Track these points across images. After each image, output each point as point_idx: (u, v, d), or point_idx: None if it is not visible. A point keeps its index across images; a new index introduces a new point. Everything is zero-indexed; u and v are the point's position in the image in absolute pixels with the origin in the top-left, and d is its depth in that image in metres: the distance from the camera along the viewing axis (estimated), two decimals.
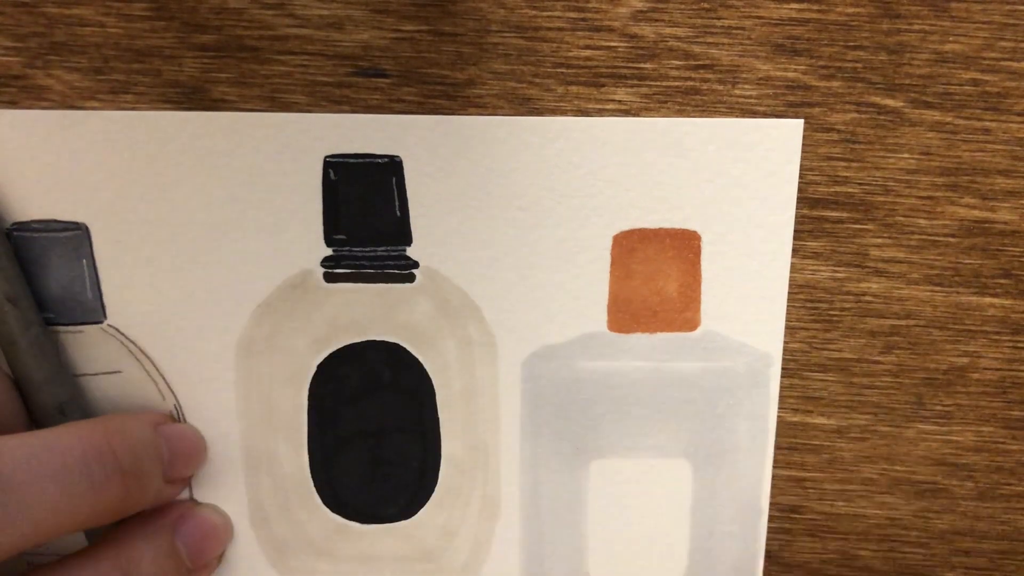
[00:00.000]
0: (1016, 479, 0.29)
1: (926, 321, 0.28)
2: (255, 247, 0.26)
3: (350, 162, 0.26)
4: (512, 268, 0.27)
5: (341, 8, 0.25)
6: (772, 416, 0.28)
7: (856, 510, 0.29)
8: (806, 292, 0.27)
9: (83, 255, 0.26)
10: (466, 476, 0.28)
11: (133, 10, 0.25)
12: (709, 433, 0.28)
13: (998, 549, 0.30)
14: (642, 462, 0.28)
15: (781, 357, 0.28)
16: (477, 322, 0.27)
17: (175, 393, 0.28)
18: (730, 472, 0.28)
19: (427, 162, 0.26)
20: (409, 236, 0.26)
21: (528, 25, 0.25)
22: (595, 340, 0.27)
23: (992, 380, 0.28)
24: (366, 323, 0.27)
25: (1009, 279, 0.27)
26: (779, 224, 0.26)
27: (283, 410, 0.28)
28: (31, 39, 0.25)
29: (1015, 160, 0.26)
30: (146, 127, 0.25)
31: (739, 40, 0.25)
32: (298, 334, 0.27)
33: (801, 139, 0.26)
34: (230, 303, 0.27)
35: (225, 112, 0.25)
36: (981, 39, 0.25)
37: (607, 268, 0.27)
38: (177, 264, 0.26)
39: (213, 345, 0.27)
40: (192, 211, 0.26)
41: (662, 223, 0.26)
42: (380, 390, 0.28)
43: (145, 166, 0.26)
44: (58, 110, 0.25)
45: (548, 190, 0.26)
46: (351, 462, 0.28)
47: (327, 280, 0.27)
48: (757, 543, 0.29)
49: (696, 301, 0.27)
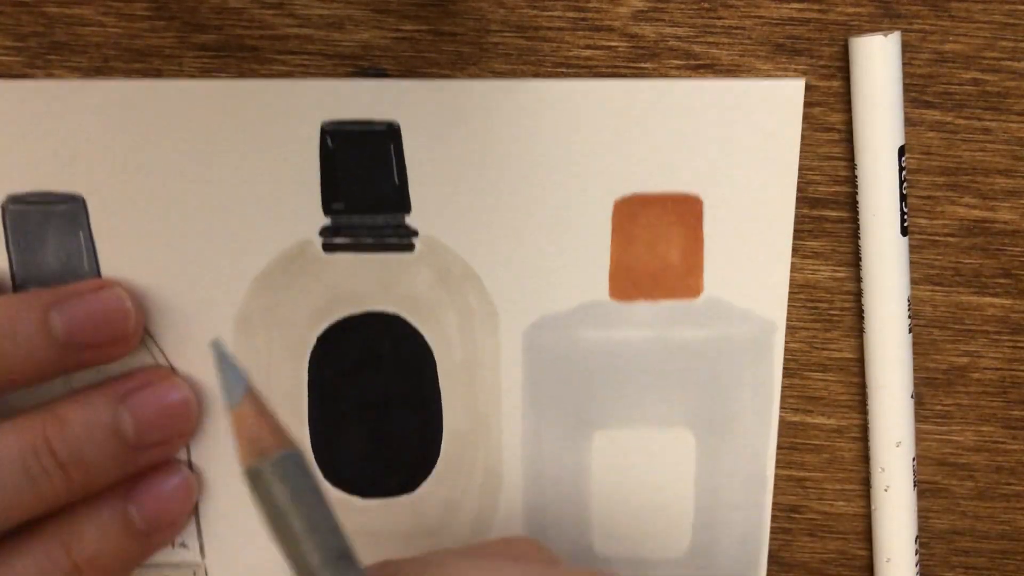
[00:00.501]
0: (1016, 479, 0.29)
1: (926, 321, 0.28)
2: (252, 217, 0.26)
3: (347, 129, 0.25)
4: (512, 236, 0.26)
5: (341, 8, 0.25)
6: (776, 384, 0.28)
7: (856, 510, 0.29)
8: (806, 292, 0.27)
9: (80, 228, 0.26)
10: (468, 449, 0.28)
11: (133, 10, 0.25)
12: (712, 402, 0.28)
13: (998, 549, 0.30)
14: (645, 432, 0.28)
15: (785, 324, 0.27)
16: (478, 292, 0.27)
17: (173, 367, 0.27)
18: (734, 442, 0.28)
19: (425, 128, 0.25)
20: (408, 204, 0.26)
21: (528, 25, 0.25)
22: (597, 309, 0.27)
23: (992, 380, 0.28)
24: (365, 294, 0.27)
25: (1009, 279, 0.27)
26: (782, 187, 0.26)
27: (283, 384, 0.28)
28: (31, 39, 0.25)
29: (1015, 160, 0.26)
30: (142, 97, 0.25)
31: (739, 40, 0.25)
32: (297, 306, 0.27)
33: (803, 99, 0.25)
34: (228, 275, 0.27)
35: (221, 80, 0.25)
36: (981, 39, 0.25)
37: (608, 235, 0.26)
38: (174, 236, 0.26)
39: (211, 318, 0.27)
40: (189, 182, 0.26)
41: (663, 188, 0.26)
42: (380, 362, 0.28)
43: (142, 137, 0.25)
44: (53, 80, 0.25)
45: (548, 155, 0.26)
46: (352, 436, 0.28)
47: (326, 251, 0.26)
48: (763, 513, 0.29)
49: (698, 267, 0.27)
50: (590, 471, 0.28)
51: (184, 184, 0.26)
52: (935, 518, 0.29)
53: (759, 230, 0.26)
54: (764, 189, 0.26)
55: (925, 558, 0.30)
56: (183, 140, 0.25)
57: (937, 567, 0.30)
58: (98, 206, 0.26)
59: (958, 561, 0.30)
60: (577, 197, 0.26)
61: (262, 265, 0.27)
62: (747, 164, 0.26)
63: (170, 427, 0.27)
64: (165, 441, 0.27)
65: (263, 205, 0.26)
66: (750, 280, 0.27)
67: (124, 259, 0.26)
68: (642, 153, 0.26)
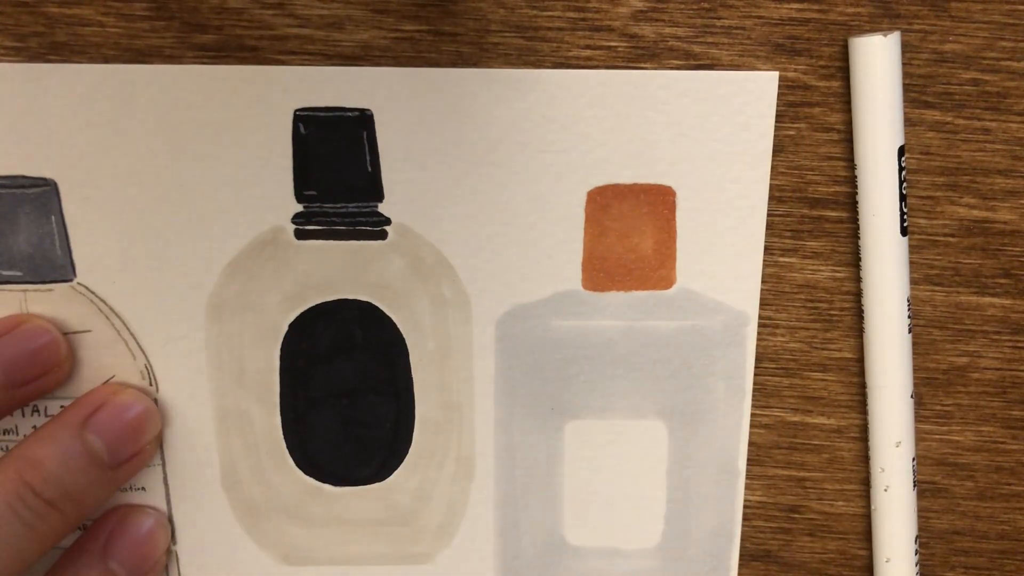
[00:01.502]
0: (1016, 479, 0.29)
1: (926, 321, 0.28)
2: (225, 204, 0.26)
3: (320, 115, 0.25)
4: (485, 225, 0.26)
5: (341, 8, 0.25)
6: (749, 376, 0.28)
7: (856, 510, 0.29)
8: (806, 292, 0.27)
9: (52, 212, 0.26)
10: (440, 437, 0.28)
11: (133, 10, 0.25)
12: (685, 393, 0.28)
13: (998, 549, 0.30)
14: (617, 423, 0.28)
15: (758, 316, 0.27)
16: (451, 280, 0.27)
17: (145, 353, 0.27)
18: (706, 433, 0.28)
19: (399, 116, 0.25)
20: (381, 192, 0.26)
21: (528, 25, 0.25)
22: (570, 299, 0.27)
23: (992, 380, 0.28)
24: (338, 281, 0.27)
25: (1009, 279, 0.27)
26: (755, 179, 0.26)
27: (255, 370, 0.27)
28: (31, 39, 0.25)
29: (1015, 160, 0.26)
30: (115, 81, 0.25)
31: (739, 40, 0.25)
32: (269, 293, 0.27)
33: (776, 92, 0.25)
34: (200, 261, 0.27)
35: (194, 66, 0.25)
36: (981, 39, 0.25)
37: (581, 225, 0.26)
38: (146, 221, 0.26)
39: (184, 304, 0.27)
40: (161, 167, 0.26)
41: (637, 179, 0.26)
42: (353, 350, 0.27)
43: (114, 121, 0.25)
44: (23, 63, 0.25)
45: (522, 144, 0.26)
46: (324, 423, 0.28)
47: (298, 237, 0.26)
48: (735, 505, 0.29)
49: (671, 258, 0.27)
50: (562, 461, 0.28)
51: (157, 169, 0.26)
52: (935, 518, 0.30)
53: (732, 222, 0.26)
54: (737, 181, 0.26)
55: (925, 558, 0.30)
56: (156, 125, 0.25)
57: (937, 567, 0.30)
58: (70, 190, 0.26)
59: (958, 561, 0.30)
60: (550, 187, 0.26)
61: (234, 251, 0.27)
62: (721, 156, 0.26)
63: (139, 437, 0.27)
64: (138, 451, 0.27)
65: (236, 191, 0.26)
66: (723, 271, 0.27)
67: (96, 243, 0.26)
68: (615, 143, 0.26)
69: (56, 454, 0.25)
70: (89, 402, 0.26)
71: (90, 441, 0.25)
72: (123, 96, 0.25)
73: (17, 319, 0.26)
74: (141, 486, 0.28)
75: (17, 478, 0.24)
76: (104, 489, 0.26)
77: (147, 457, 0.27)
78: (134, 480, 0.28)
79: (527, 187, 0.26)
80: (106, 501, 0.27)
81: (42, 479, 0.24)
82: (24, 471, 0.24)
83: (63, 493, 0.25)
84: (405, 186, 0.26)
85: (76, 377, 0.27)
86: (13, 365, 0.25)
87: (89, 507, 0.26)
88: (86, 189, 0.26)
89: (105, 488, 0.26)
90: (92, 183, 0.26)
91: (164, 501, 0.29)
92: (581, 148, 0.26)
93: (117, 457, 0.26)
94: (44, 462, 0.25)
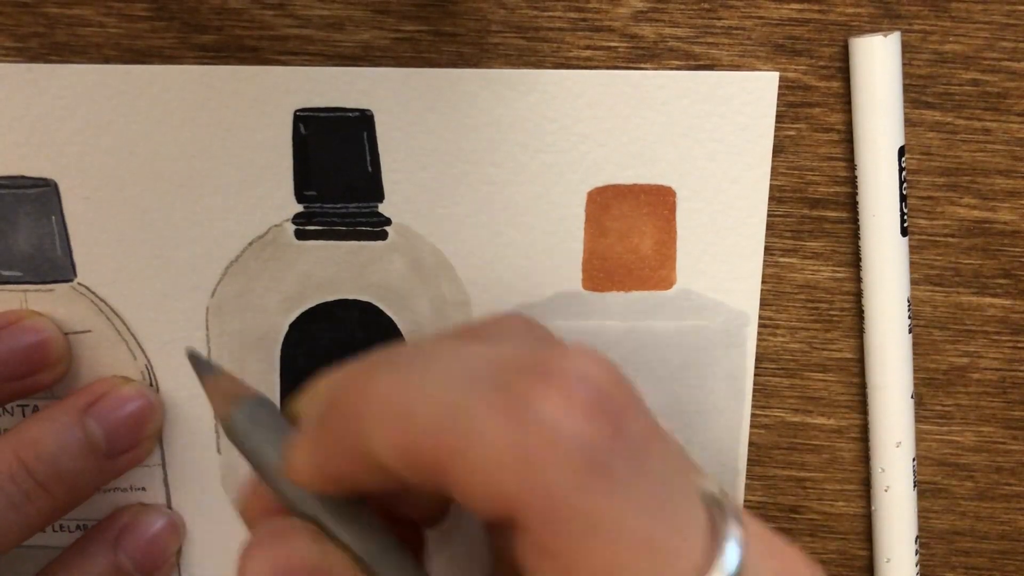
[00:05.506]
0: (1016, 479, 0.29)
1: (926, 321, 0.28)
2: (226, 203, 0.26)
3: (321, 116, 0.25)
4: (486, 225, 0.26)
5: (341, 8, 0.25)
6: (749, 376, 0.28)
7: (856, 510, 0.29)
8: (806, 292, 0.27)
9: (52, 212, 0.26)
10: None
11: (133, 10, 0.25)
12: (684, 394, 0.28)
13: (998, 549, 0.30)
14: None
15: (758, 316, 0.27)
16: (451, 281, 0.27)
17: (146, 353, 0.27)
18: (706, 434, 0.28)
19: (399, 116, 0.25)
20: (381, 192, 0.26)
21: (528, 25, 0.25)
22: (570, 299, 0.27)
23: (992, 380, 0.28)
24: (338, 282, 0.27)
25: (1009, 279, 0.27)
26: (755, 179, 0.26)
27: (255, 370, 0.27)
28: (32, 39, 0.25)
29: (1015, 160, 0.26)
30: (115, 81, 0.25)
31: (739, 40, 0.25)
32: (269, 293, 0.27)
33: (776, 93, 0.25)
34: (201, 261, 0.27)
35: (194, 66, 0.25)
36: (981, 39, 0.25)
37: (581, 225, 0.26)
38: (147, 221, 0.26)
39: (184, 304, 0.27)
40: (162, 167, 0.26)
41: (637, 179, 0.26)
42: (353, 350, 0.27)
43: (114, 122, 0.25)
44: (23, 63, 0.25)
45: (522, 145, 0.26)
46: None
47: (298, 238, 0.26)
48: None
49: (671, 259, 0.27)
50: None
51: (156, 169, 0.26)
52: (935, 518, 0.29)
53: (732, 222, 0.26)
54: (737, 181, 0.26)
55: (925, 558, 0.30)
56: (156, 125, 0.25)
57: (937, 567, 0.30)
58: (70, 190, 0.26)
59: (958, 561, 0.30)
60: (550, 187, 0.26)
61: (235, 251, 0.27)
62: (720, 156, 0.26)
63: (138, 431, 0.27)
64: (135, 445, 0.27)
65: (236, 192, 0.26)
66: (723, 272, 0.27)
67: (96, 243, 0.26)
68: (616, 143, 0.26)
69: (54, 435, 0.25)
70: (92, 390, 0.26)
71: (90, 427, 0.25)
72: (123, 96, 0.25)
73: (15, 315, 0.26)
74: (141, 486, 0.28)
75: (11, 455, 0.24)
76: (96, 479, 0.26)
77: (144, 453, 0.27)
78: (134, 480, 0.28)
79: (527, 187, 0.26)
80: (95, 493, 0.27)
81: (36, 456, 0.24)
82: (19, 448, 0.24)
83: (55, 474, 0.25)
84: (405, 186, 0.26)
85: (76, 377, 0.27)
86: (3, 361, 0.25)
87: (79, 495, 0.25)
88: (86, 189, 0.26)
89: (97, 478, 0.26)
90: (92, 183, 0.26)
91: (164, 501, 0.29)
92: (581, 148, 0.26)
93: (114, 447, 0.26)
94: (41, 441, 0.25)
